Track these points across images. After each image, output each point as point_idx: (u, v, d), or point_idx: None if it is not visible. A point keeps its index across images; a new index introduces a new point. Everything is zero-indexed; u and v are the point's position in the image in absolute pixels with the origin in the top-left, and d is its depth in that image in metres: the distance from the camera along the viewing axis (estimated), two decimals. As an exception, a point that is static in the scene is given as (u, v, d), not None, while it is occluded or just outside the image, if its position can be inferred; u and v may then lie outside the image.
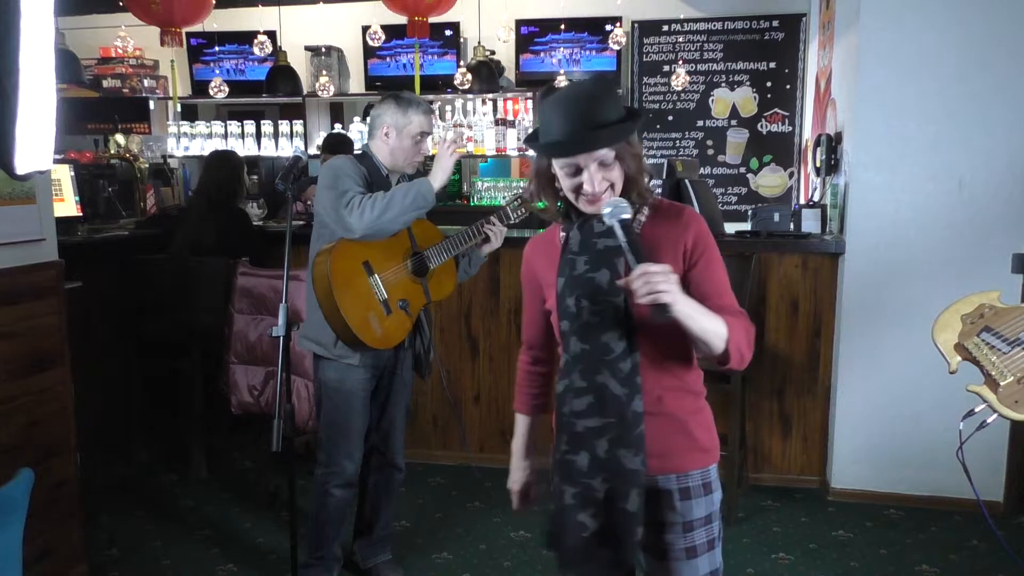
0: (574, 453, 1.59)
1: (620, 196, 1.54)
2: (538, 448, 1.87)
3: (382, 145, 2.63)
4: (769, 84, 5.68)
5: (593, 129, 1.49)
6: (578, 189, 1.55)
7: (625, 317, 1.54)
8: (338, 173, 2.53)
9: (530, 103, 5.74)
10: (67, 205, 4.21)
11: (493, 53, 5.75)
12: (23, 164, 1.38)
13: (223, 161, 4.14)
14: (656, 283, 1.37)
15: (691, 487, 1.62)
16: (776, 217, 3.77)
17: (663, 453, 1.58)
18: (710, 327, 1.47)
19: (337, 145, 4.29)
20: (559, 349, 1.67)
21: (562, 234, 1.67)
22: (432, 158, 2.76)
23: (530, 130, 5.61)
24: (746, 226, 4.01)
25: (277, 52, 5.86)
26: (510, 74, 5.90)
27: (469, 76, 5.50)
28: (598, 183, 1.52)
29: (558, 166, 1.56)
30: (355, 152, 2.75)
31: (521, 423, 1.88)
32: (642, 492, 1.55)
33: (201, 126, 6.20)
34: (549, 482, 1.69)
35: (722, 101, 5.79)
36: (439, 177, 2.53)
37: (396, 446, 2.86)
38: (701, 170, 5.62)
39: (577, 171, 1.53)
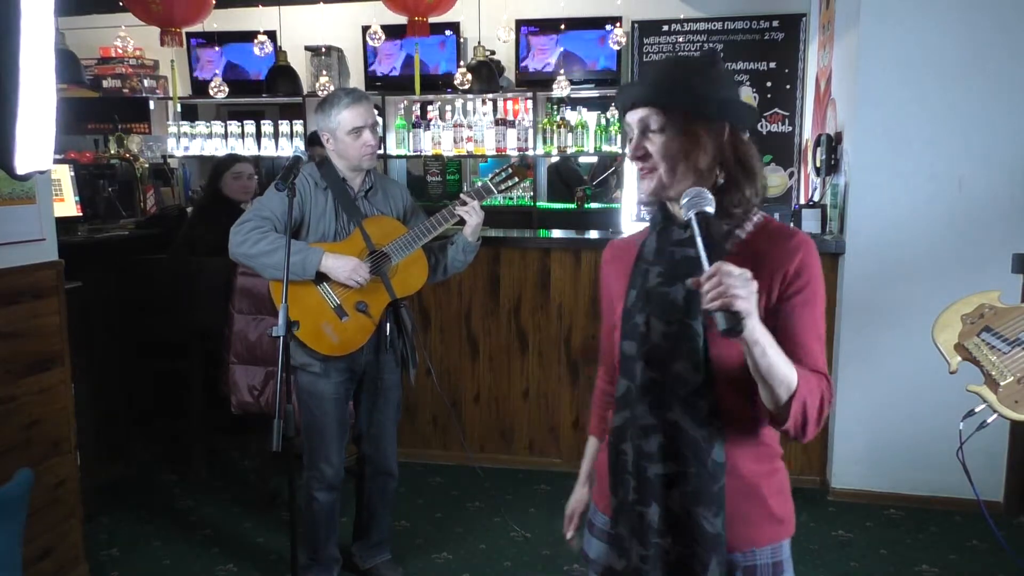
0: (644, 504, 1.31)
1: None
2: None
3: (331, 152, 2.67)
4: (769, 84, 5.67)
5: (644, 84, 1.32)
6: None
7: (704, 345, 1.27)
8: (271, 195, 2.58)
9: (530, 103, 5.74)
10: (67, 205, 4.21)
11: (493, 53, 5.75)
12: (23, 164, 1.38)
13: (226, 164, 4.14)
14: (731, 285, 1.10)
15: (758, 566, 1.35)
16: (776, 217, 3.76)
17: (729, 520, 1.30)
18: (780, 369, 1.18)
19: (319, 140, 4.30)
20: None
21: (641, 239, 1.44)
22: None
23: (530, 130, 5.64)
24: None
25: (277, 52, 5.86)
26: (510, 74, 5.89)
27: (469, 76, 5.49)
28: (632, 148, 1.32)
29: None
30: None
31: (590, 447, 1.63)
32: (724, 563, 1.30)
33: (201, 126, 6.20)
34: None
35: (722, 101, 5.77)
36: (331, 266, 2.51)
37: (388, 451, 2.84)
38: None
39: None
